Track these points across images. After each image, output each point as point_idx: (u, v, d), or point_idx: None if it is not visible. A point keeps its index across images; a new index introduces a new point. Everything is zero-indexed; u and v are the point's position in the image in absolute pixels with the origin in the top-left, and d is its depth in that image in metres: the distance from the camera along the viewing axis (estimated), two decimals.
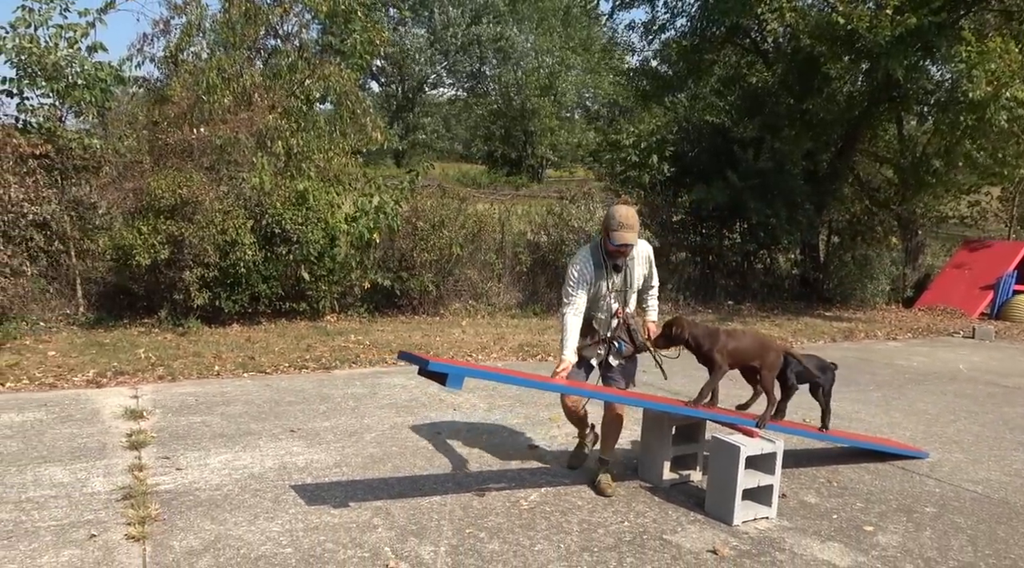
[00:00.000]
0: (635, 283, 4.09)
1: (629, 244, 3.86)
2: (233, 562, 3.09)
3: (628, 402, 4.12)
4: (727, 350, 3.95)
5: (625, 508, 3.86)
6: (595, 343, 4.05)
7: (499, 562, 3.20)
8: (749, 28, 14.76)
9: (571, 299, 3.91)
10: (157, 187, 7.58)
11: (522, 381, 3.90)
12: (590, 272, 3.94)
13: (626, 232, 3.81)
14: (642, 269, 4.10)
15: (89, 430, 4.67)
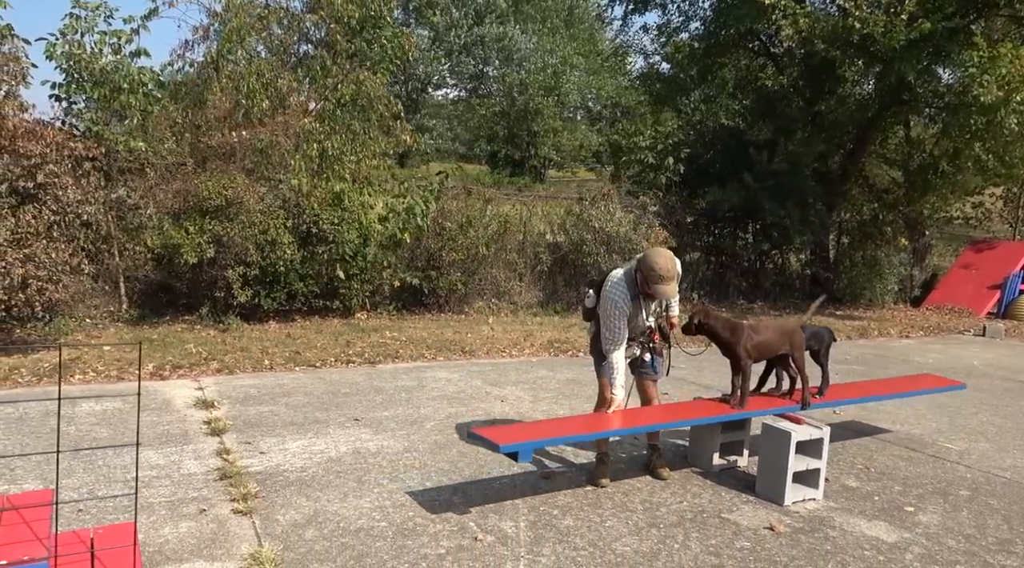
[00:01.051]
0: (660, 303, 4.18)
1: (669, 296, 3.98)
2: (336, 533, 3.37)
3: (680, 425, 4.28)
4: (751, 345, 4.11)
5: (681, 490, 4.14)
6: (629, 347, 4.16)
7: (576, 535, 3.48)
8: (760, 32, 15.05)
9: (616, 335, 3.92)
10: (205, 188, 7.85)
11: (587, 436, 3.98)
12: (629, 306, 3.94)
13: (667, 285, 3.81)
14: (675, 286, 4.09)
15: (168, 418, 4.95)
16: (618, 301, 3.91)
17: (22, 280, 6.20)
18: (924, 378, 5.57)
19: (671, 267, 3.81)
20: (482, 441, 3.55)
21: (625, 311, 3.92)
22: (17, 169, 6.41)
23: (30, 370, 6.00)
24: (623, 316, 3.91)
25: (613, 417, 4.02)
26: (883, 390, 5.17)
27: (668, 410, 4.38)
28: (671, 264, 3.82)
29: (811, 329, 4.75)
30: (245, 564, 3.03)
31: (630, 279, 3.96)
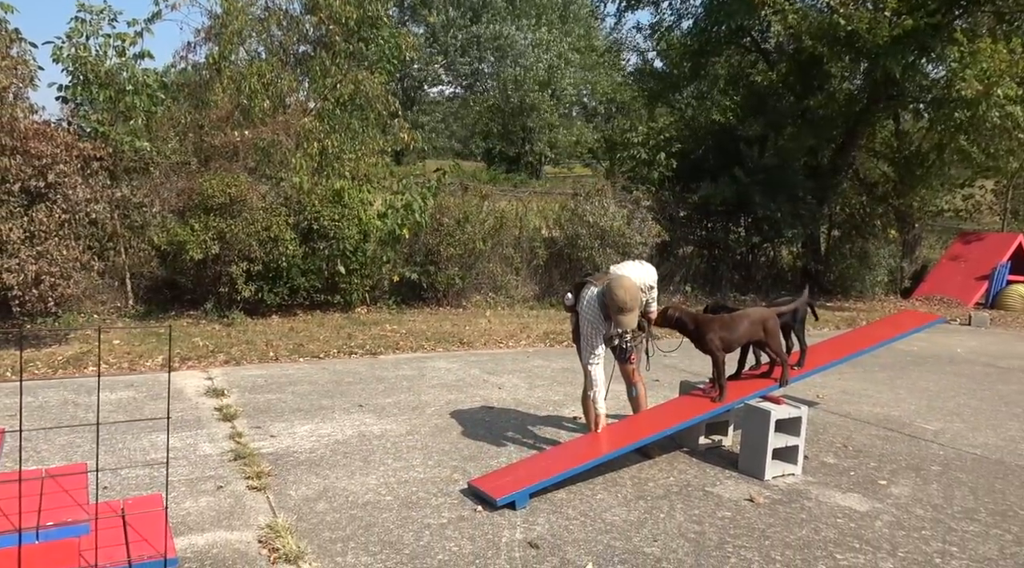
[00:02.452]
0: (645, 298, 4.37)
1: (628, 327, 4.15)
2: (344, 506, 3.62)
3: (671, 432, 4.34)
4: (719, 337, 4.28)
5: (668, 467, 4.40)
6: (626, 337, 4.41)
7: (568, 507, 3.73)
8: (751, 29, 15.30)
9: (595, 352, 4.20)
10: (209, 187, 8.07)
11: (583, 467, 3.99)
12: (603, 324, 4.20)
13: (626, 316, 4.01)
14: (646, 296, 4.35)
15: (181, 405, 5.19)
16: (593, 321, 4.20)
17: (36, 276, 6.43)
18: (903, 318, 5.67)
19: (629, 299, 3.95)
20: (481, 496, 3.73)
21: (600, 329, 4.21)
22: (29, 169, 6.62)
23: (45, 362, 6.24)
24: (599, 334, 4.21)
25: (603, 441, 4.25)
26: (867, 342, 5.21)
27: (655, 418, 4.44)
28: (630, 296, 3.96)
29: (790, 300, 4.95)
30: (262, 533, 3.27)
31: (601, 303, 4.15)
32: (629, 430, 4.40)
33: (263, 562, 3.05)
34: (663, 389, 6.11)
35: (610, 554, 3.25)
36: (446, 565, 3.09)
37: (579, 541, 3.36)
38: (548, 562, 3.15)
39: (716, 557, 3.26)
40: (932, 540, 3.54)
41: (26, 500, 2.58)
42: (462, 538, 3.34)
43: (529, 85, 39.32)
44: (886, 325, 5.75)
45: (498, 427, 5.02)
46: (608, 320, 4.19)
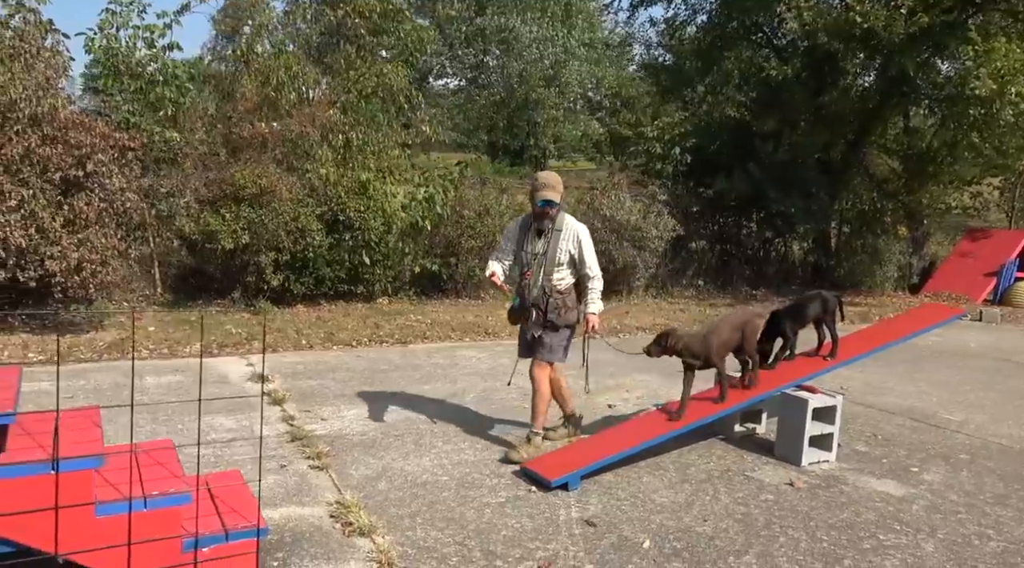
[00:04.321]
0: (556, 255, 4.17)
1: (549, 200, 4.11)
2: (404, 486, 3.77)
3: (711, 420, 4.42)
4: (720, 349, 4.30)
5: (707, 453, 4.55)
6: (527, 317, 4.26)
7: (618, 489, 3.89)
8: (764, 25, 15.40)
9: (497, 247, 4.52)
10: (241, 178, 8.20)
11: (630, 451, 4.11)
12: (514, 231, 4.37)
13: (546, 191, 4.12)
14: (568, 245, 4.17)
15: (228, 390, 5.34)
16: (511, 224, 4.52)
17: (77, 264, 6.56)
18: (926, 312, 5.76)
19: (550, 177, 4.21)
20: (535, 477, 3.88)
21: (510, 232, 4.44)
22: (69, 159, 6.75)
23: (87, 347, 6.39)
24: (507, 235, 4.45)
25: (647, 427, 4.36)
26: (894, 335, 5.28)
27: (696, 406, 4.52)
28: (551, 175, 4.25)
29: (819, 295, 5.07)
30: (332, 508, 3.42)
31: (528, 217, 4.37)
32: (672, 417, 4.53)
33: (338, 535, 3.20)
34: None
35: (664, 532, 3.40)
36: (510, 540, 3.24)
37: (633, 520, 3.51)
38: (607, 539, 3.30)
39: (765, 536, 3.41)
40: (968, 523, 3.69)
41: (126, 472, 2.73)
42: (522, 516, 3.49)
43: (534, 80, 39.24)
44: (911, 319, 5.88)
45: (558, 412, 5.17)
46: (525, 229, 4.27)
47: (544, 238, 4.21)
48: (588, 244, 4.23)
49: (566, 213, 4.34)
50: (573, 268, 4.26)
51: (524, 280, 4.28)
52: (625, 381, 6.26)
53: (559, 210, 4.24)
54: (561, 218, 4.24)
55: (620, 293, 12.49)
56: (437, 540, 3.21)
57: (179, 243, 9.20)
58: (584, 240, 4.21)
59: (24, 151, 6.43)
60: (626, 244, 11.98)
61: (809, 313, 4.87)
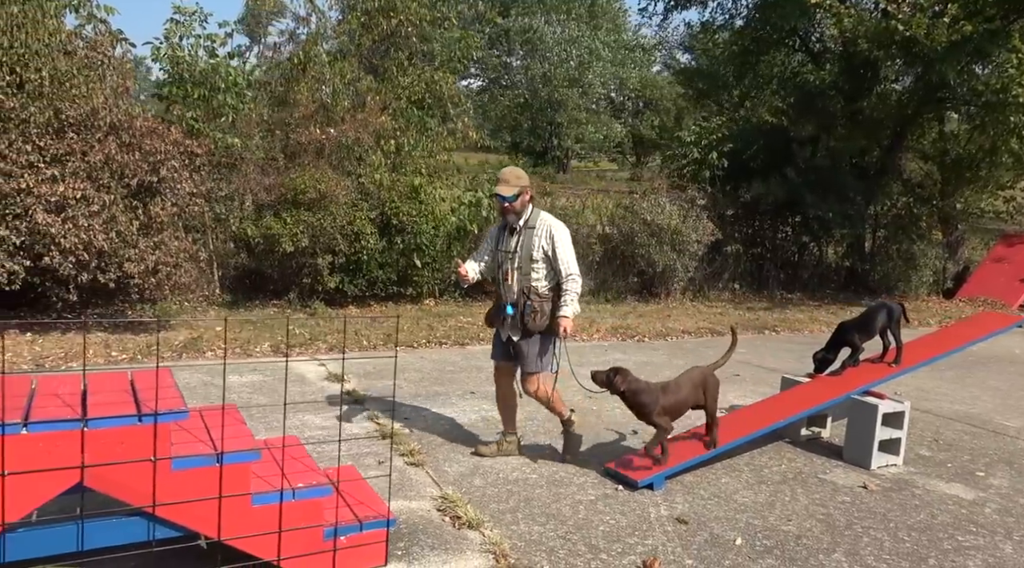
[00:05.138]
0: (530, 253, 4.06)
1: (502, 196, 4.04)
2: (498, 482, 3.98)
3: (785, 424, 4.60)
4: (665, 409, 3.97)
5: (777, 456, 4.71)
6: (502, 319, 4.21)
7: (700, 489, 4.07)
8: (800, 30, 15.46)
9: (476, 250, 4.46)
10: (301, 182, 8.46)
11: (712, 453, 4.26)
12: (493, 233, 4.33)
13: (500, 185, 4.06)
14: (541, 242, 4.07)
15: (310, 389, 5.58)
16: (492, 227, 4.44)
17: (154, 266, 6.85)
18: (985, 319, 5.88)
19: (508, 172, 4.13)
20: (620, 476, 4.07)
21: (489, 234, 4.40)
22: (144, 165, 7.03)
23: (165, 346, 6.66)
24: (487, 236, 4.41)
25: (725, 430, 4.47)
26: (956, 342, 5.43)
27: (767, 411, 4.72)
28: (510, 169, 4.17)
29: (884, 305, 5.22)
30: (437, 503, 3.64)
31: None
32: (745, 421, 4.71)
33: (449, 527, 3.41)
34: (745, 383, 6.43)
35: (752, 531, 3.57)
36: (609, 535, 3.43)
37: (720, 519, 3.69)
38: (699, 536, 3.49)
39: (849, 536, 3.58)
40: None
41: (269, 465, 2.95)
42: (615, 513, 3.68)
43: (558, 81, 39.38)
44: (970, 326, 5.99)
45: (608, 415, 5.37)
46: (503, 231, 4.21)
47: (516, 235, 4.15)
48: (563, 241, 4.08)
49: (542, 210, 4.24)
50: (550, 268, 4.10)
51: (504, 281, 4.17)
52: None
53: (523, 204, 4.11)
54: (535, 215, 4.15)
55: (659, 296, 12.64)
56: (541, 534, 3.41)
57: (235, 245, 9.47)
58: (558, 236, 4.07)
59: (105, 158, 6.71)
60: (666, 248, 12.12)
61: (877, 323, 5.02)
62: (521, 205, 4.10)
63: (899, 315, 5.16)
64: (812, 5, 12.75)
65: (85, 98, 6.74)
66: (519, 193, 4.06)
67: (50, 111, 6.54)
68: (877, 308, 5.16)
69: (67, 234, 6.31)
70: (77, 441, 2.40)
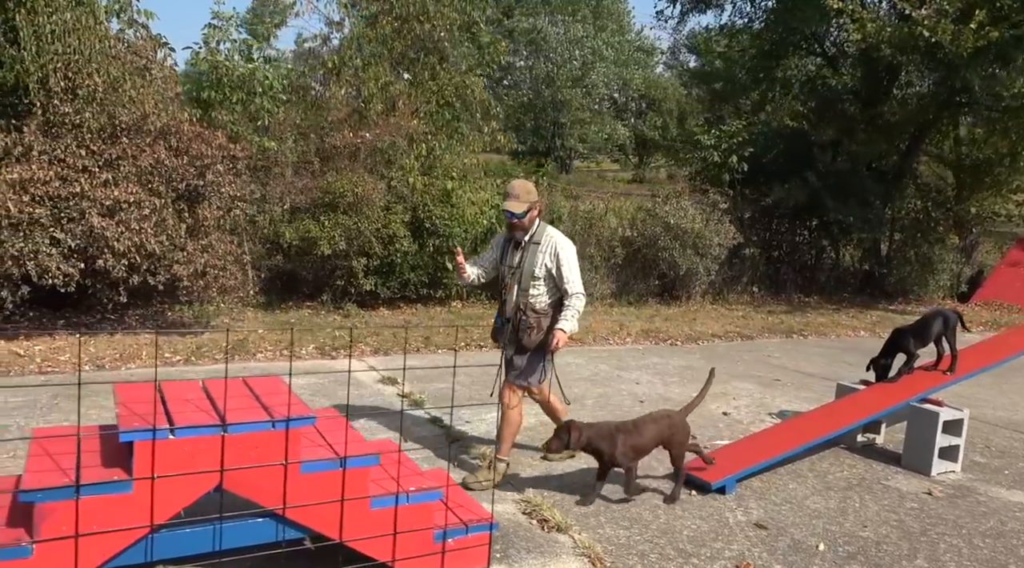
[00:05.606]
0: (532, 269, 3.95)
1: (511, 213, 3.91)
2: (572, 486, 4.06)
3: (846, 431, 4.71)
4: (628, 448, 3.79)
5: (837, 462, 4.79)
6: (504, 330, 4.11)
7: (770, 494, 4.15)
8: (818, 34, 15.57)
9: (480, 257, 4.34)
10: (340, 186, 8.54)
11: (782, 456, 4.39)
12: (500, 241, 4.21)
13: (510, 201, 3.92)
14: (544, 259, 3.95)
15: (367, 392, 5.66)
16: (498, 236, 4.34)
17: (203, 268, 6.93)
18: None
19: (516, 186, 3.97)
20: (692, 479, 4.12)
21: (494, 242, 4.30)
22: (192, 169, 7.11)
23: (214, 347, 6.73)
24: (493, 244, 4.30)
25: (789, 435, 4.59)
26: (1009, 351, 5.52)
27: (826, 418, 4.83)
28: (518, 184, 4.00)
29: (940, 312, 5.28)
30: (522, 506, 3.72)
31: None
32: (809, 427, 4.79)
33: (538, 530, 3.49)
34: (788, 388, 6.52)
35: (832, 537, 3.65)
36: (694, 540, 3.51)
37: (797, 524, 3.77)
38: (781, 541, 3.57)
39: (926, 542, 3.66)
40: None
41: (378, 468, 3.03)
42: (694, 518, 3.76)
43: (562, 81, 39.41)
44: (1022, 334, 6.07)
45: None
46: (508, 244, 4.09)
47: (521, 250, 4.02)
48: (568, 259, 3.95)
49: (548, 225, 4.11)
50: (553, 285, 4.00)
51: (504, 295, 4.07)
52: (727, 389, 6.50)
53: (531, 220, 3.99)
54: (541, 230, 4.02)
55: (680, 299, 12.73)
56: (628, 538, 3.49)
57: (268, 247, 9.54)
58: (563, 254, 3.94)
59: (155, 162, 6.79)
60: (689, 251, 12.20)
61: (933, 330, 5.09)
62: (530, 221, 3.98)
63: (955, 323, 5.23)
64: (834, 11, 12.85)
65: (137, 103, 6.81)
66: (529, 209, 3.94)
67: (104, 116, 6.61)
68: (933, 315, 5.23)
69: (120, 237, 6.39)
70: (218, 445, 2.48)
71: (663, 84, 43.13)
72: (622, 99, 48.26)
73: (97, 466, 2.43)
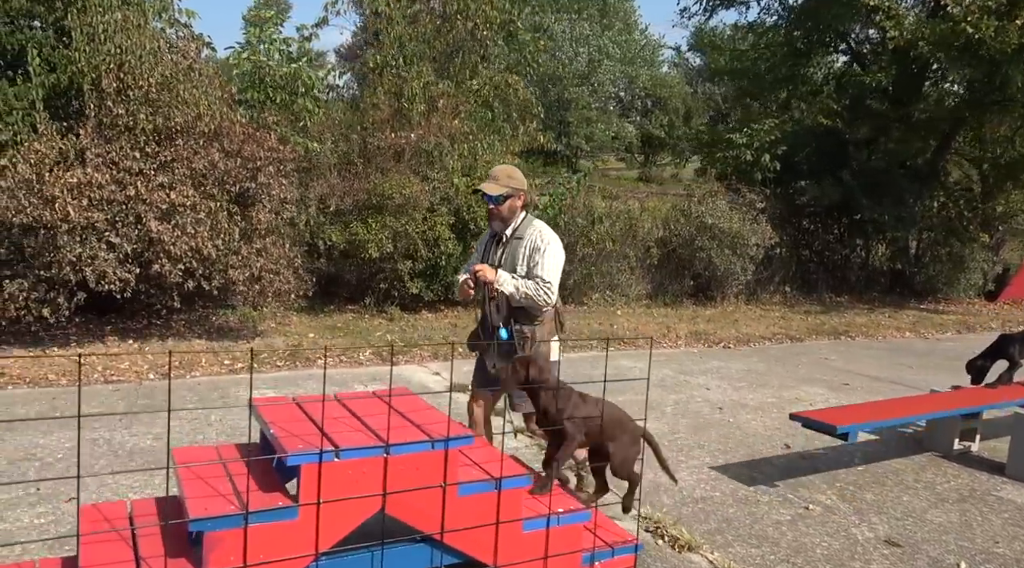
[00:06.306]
0: (514, 266, 3.45)
1: (486, 195, 3.46)
2: (686, 501, 3.91)
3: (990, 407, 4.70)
4: (578, 417, 3.02)
5: (940, 471, 4.64)
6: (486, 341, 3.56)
7: (888, 508, 3.99)
8: (844, 32, 15.41)
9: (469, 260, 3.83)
10: (388, 188, 8.38)
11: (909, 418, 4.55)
12: (485, 239, 3.72)
13: (486, 182, 3.50)
14: (526, 253, 3.45)
15: (442, 400, 5.49)
16: (482, 237, 3.84)
17: (258, 272, 6.78)
18: None
19: (499, 169, 3.57)
20: (816, 423, 4.04)
21: (481, 240, 3.79)
22: (244, 172, 6.95)
23: (271, 353, 6.58)
24: (480, 242, 3.80)
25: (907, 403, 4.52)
26: None
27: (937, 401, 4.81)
28: (501, 167, 3.59)
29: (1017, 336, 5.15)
30: (645, 523, 3.56)
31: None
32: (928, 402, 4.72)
33: (668, 548, 3.35)
34: (859, 392, 6.37)
35: (968, 554, 3.49)
36: (830, 559, 3.36)
37: (928, 541, 3.61)
38: (920, 559, 3.41)
39: None
40: None
41: None
42: (821, 534, 3.60)
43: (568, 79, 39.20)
44: None
45: (747, 426, 5.29)
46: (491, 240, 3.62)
47: (502, 247, 3.53)
48: (550, 253, 3.42)
49: (536, 220, 3.58)
50: None
51: (489, 300, 3.45)
52: (800, 394, 6.35)
53: (511, 210, 3.48)
54: (526, 224, 3.51)
55: (715, 299, 12.57)
56: (762, 557, 3.33)
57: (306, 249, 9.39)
58: (547, 248, 3.42)
59: (210, 165, 6.64)
60: (726, 251, 12.05)
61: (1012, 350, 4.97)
62: (509, 211, 3.47)
63: None
64: (869, 8, 12.70)
65: (191, 104, 6.66)
66: (507, 196, 3.43)
67: (159, 118, 6.46)
68: None
69: (177, 241, 6.23)
70: (380, 468, 2.33)
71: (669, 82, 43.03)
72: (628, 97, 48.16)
73: (255, 491, 2.27)
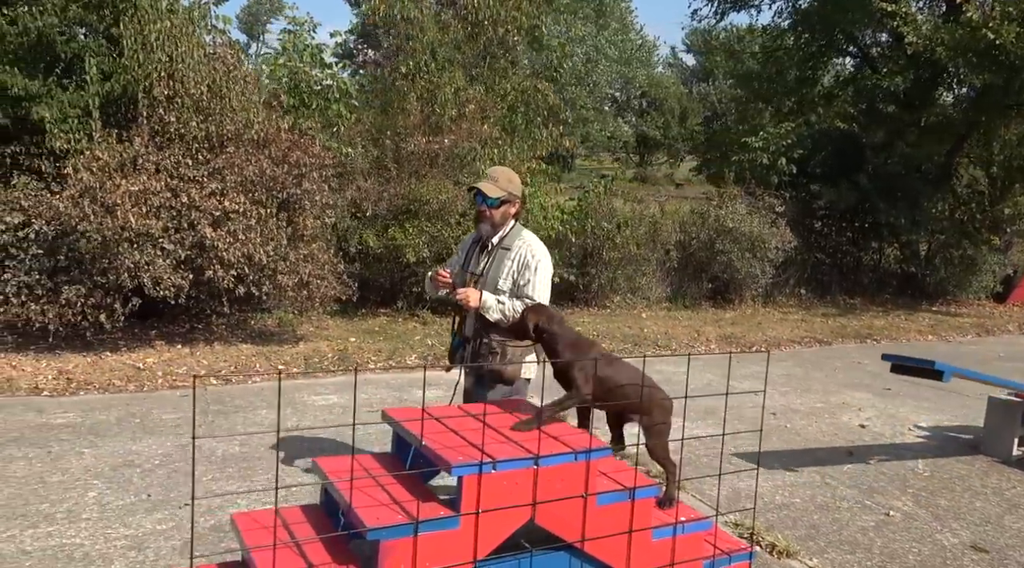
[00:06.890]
0: (497, 279, 3.25)
1: (483, 195, 3.27)
2: (769, 507, 3.98)
3: None
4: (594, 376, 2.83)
5: (1002, 476, 4.73)
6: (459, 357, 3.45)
7: (964, 514, 4.08)
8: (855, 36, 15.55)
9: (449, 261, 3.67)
10: (426, 192, 8.43)
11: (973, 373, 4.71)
12: (465, 244, 3.57)
13: (486, 182, 3.32)
14: (513, 267, 3.25)
15: None
16: (464, 240, 3.72)
17: (307, 278, 6.82)
18: None
19: (497, 170, 3.43)
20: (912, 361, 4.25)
21: (462, 244, 3.64)
22: (290, 178, 6.99)
23: (318, 356, 6.62)
24: (461, 246, 3.66)
25: None
26: None
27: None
28: (499, 169, 3.46)
29: None
30: (736, 530, 3.62)
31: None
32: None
33: (767, 555, 3.42)
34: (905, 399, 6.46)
35: None
36: (923, 565, 3.44)
37: (1012, 546, 3.69)
38: (1010, 565, 3.49)
39: None
40: None
41: None
42: (908, 540, 3.68)
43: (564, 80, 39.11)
44: None
45: (803, 431, 5.37)
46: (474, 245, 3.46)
47: (487, 255, 3.34)
48: (539, 272, 3.25)
49: (526, 230, 3.42)
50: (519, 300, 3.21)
51: (465, 310, 3.29)
52: (846, 399, 6.44)
53: (504, 216, 3.31)
54: (515, 234, 3.34)
55: (733, 302, 12.67)
56: (860, 564, 3.40)
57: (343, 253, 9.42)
58: (534, 266, 3.24)
59: (259, 171, 6.67)
60: (747, 254, 12.15)
61: None
62: (502, 217, 3.31)
63: None
64: (885, 14, 12.81)
65: (240, 112, 6.69)
66: (504, 200, 3.28)
67: (211, 125, 6.49)
68: None
69: (230, 248, 6.27)
70: (530, 479, 2.38)
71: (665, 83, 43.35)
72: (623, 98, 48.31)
73: (412, 500, 2.33)
